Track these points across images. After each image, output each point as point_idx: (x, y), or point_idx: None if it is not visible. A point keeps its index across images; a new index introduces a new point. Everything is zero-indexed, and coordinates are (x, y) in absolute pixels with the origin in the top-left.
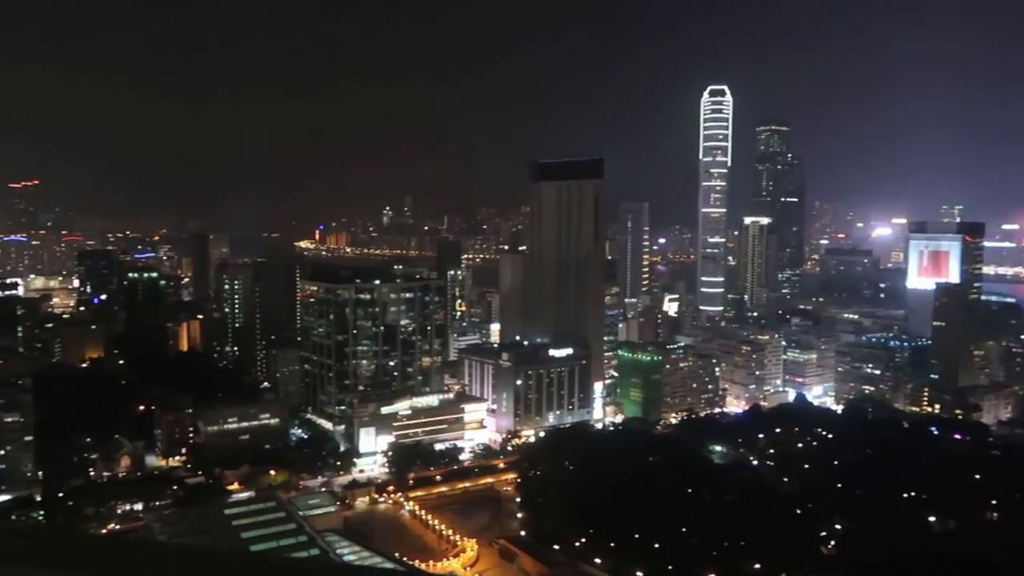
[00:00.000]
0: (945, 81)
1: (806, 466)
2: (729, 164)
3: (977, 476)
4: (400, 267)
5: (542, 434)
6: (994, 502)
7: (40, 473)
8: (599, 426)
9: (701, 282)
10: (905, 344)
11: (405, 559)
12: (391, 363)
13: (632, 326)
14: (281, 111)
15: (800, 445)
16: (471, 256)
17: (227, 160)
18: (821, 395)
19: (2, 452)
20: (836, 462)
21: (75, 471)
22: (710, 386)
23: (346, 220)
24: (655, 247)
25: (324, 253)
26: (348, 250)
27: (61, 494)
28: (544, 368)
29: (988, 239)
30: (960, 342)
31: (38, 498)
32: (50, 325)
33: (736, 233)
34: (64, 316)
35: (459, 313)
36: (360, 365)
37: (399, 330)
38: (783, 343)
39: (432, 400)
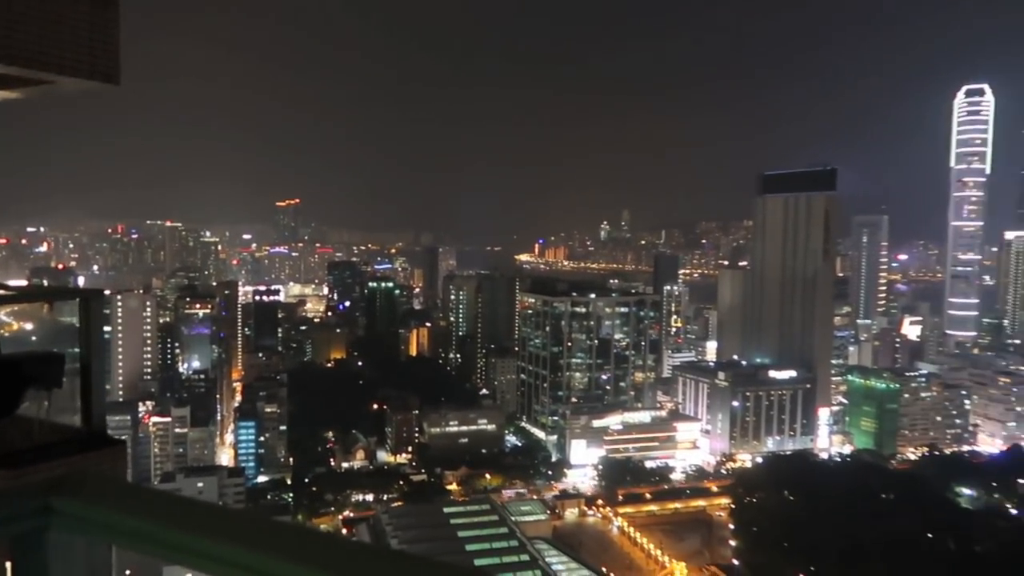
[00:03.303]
0: None
1: None
2: (987, 172)
3: None
4: (616, 281)
5: (759, 459)
6: None
7: (291, 459)
8: (824, 456)
9: (949, 303)
10: None
11: (612, 575)
12: (604, 377)
13: (865, 350)
14: (503, 128)
15: None
16: (689, 271)
17: (456, 178)
18: None
19: (263, 438)
20: None
21: (319, 460)
22: (958, 420)
23: (564, 234)
24: (894, 264)
25: (542, 266)
26: (566, 263)
27: (307, 479)
28: (764, 390)
29: None
30: None
31: (288, 481)
32: (304, 328)
33: (995, 250)
34: (315, 320)
35: (675, 329)
36: (574, 377)
37: (613, 344)
38: None
39: (644, 416)
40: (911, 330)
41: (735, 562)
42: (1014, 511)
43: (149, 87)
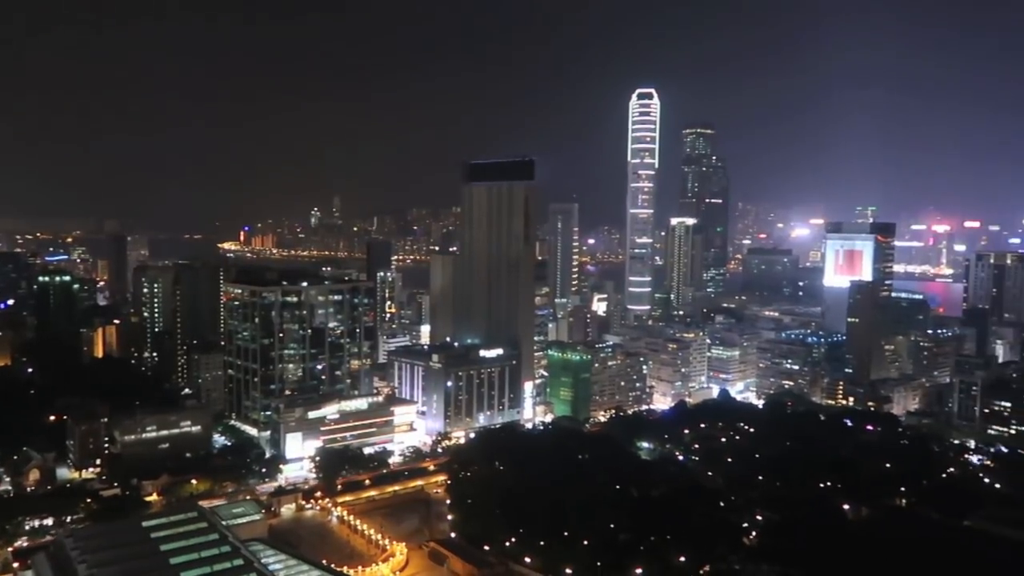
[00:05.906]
0: (860, 87)
1: (730, 460)
2: (656, 166)
3: (888, 465)
4: (328, 269)
5: (472, 435)
6: (903, 489)
7: None
8: (529, 426)
9: (629, 282)
10: (822, 340)
11: (333, 565)
12: (319, 366)
13: (562, 326)
14: (206, 111)
15: (724, 440)
16: (402, 257)
17: (147, 159)
18: (743, 390)
19: None
20: (758, 455)
21: None
22: (638, 384)
23: (272, 221)
24: (585, 248)
25: (249, 255)
26: (274, 252)
27: None
28: (474, 369)
29: (898, 239)
30: (872, 337)
31: None
32: None
33: (663, 234)
34: None
35: (389, 315)
36: (287, 369)
37: (327, 333)
38: (707, 341)
39: (361, 403)
40: (599, 306)
41: (452, 535)
42: (680, 457)
43: None
